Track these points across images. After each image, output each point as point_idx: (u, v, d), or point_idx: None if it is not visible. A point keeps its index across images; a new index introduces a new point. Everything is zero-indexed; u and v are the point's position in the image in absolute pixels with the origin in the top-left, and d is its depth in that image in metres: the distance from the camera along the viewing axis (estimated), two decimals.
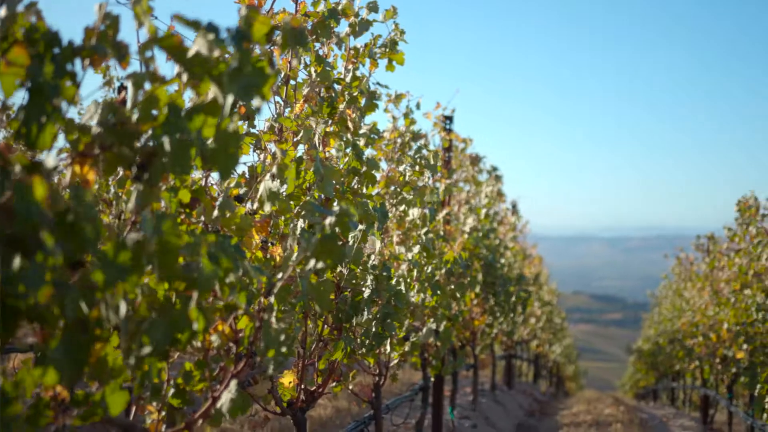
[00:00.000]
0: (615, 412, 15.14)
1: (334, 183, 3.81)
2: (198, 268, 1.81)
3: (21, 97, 1.63)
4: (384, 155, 6.17)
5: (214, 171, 1.84)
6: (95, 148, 1.73)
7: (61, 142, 1.71)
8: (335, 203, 4.05)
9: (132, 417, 2.13)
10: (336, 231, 2.14)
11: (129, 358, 1.76)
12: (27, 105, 1.62)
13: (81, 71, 1.70)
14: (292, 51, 4.08)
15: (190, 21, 1.74)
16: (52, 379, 1.57)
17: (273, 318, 2.25)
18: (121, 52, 1.77)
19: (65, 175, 1.75)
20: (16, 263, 1.45)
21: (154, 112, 1.74)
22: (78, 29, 1.77)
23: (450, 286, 7.18)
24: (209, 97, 1.75)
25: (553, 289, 26.30)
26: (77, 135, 1.73)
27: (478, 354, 12.01)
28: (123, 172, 1.77)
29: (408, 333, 5.93)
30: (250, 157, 3.89)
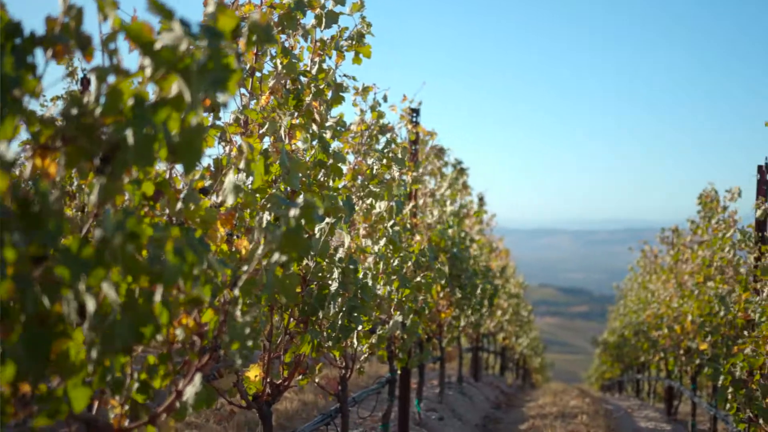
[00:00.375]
0: (581, 403, 15.26)
1: (300, 176, 3.80)
2: (163, 261, 1.80)
3: None
4: (351, 148, 6.16)
5: (178, 164, 1.83)
6: (57, 140, 1.71)
7: (23, 134, 1.69)
8: (301, 196, 4.04)
9: (95, 412, 2.12)
10: (301, 223, 2.13)
11: (92, 352, 1.74)
12: None
13: (43, 63, 1.68)
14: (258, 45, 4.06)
15: (165, 10, 1.72)
16: (10, 374, 1.55)
17: (238, 311, 2.24)
18: (84, 43, 1.76)
19: (26, 168, 1.73)
20: None
21: (118, 104, 1.73)
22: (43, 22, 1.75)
23: (417, 278, 7.19)
24: (174, 91, 1.74)
25: (520, 282, 26.40)
26: (39, 127, 1.71)
27: (444, 346, 12.05)
28: (86, 164, 1.75)
29: (375, 326, 5.94)
30: (215, 150, 3.87)
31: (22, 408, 1.64)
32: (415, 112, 8.69)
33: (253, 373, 4.09)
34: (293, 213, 2.11)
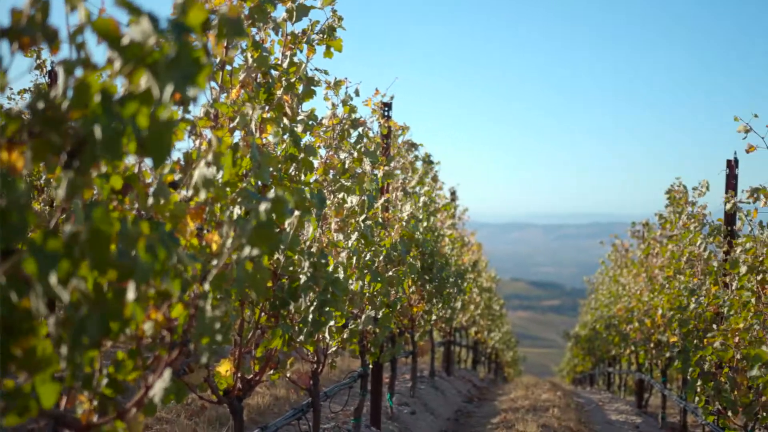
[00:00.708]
0: (552, 397, 15.32)
1: (270, 170, 3.78)
2: (133, 257, 1.79)
3: None
4: (323, 142, 6.15)
5: (148, 158, 1.81)
6: (24, 134, 1.69)
7: None
8: (272, 190, 4.02)
9: (63, 407, 2.10)
10: (272, 217, 2.13)
11: (60, 348, 1.73)
12: None
13: (9, 55, 1.67)
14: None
15: (132, 6, 1.71)
16: None
17: (208, 305, 2.23)
18: (51, 36, 1.74)
19: None
20: None
21: (86, 98, 1.72)
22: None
23: (388, 273, 7.20)
24: (143, 85, 1.73)
25: (492, 276, 26.48)
26: (5, 121, 1.70)
27: (416, 341, 12.07)
28: (53, 159, 1.73)
29: (347, 320, 5.94)
30: (185, 143, 3.85)
31: None
32: (387, 106, 8.67)
33: (224, 368, 4.08)
34: (264, 207, 2.11)
